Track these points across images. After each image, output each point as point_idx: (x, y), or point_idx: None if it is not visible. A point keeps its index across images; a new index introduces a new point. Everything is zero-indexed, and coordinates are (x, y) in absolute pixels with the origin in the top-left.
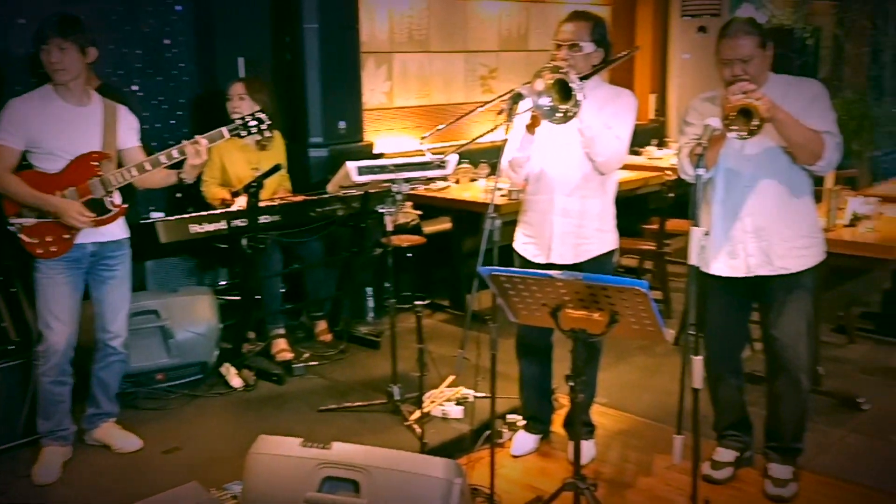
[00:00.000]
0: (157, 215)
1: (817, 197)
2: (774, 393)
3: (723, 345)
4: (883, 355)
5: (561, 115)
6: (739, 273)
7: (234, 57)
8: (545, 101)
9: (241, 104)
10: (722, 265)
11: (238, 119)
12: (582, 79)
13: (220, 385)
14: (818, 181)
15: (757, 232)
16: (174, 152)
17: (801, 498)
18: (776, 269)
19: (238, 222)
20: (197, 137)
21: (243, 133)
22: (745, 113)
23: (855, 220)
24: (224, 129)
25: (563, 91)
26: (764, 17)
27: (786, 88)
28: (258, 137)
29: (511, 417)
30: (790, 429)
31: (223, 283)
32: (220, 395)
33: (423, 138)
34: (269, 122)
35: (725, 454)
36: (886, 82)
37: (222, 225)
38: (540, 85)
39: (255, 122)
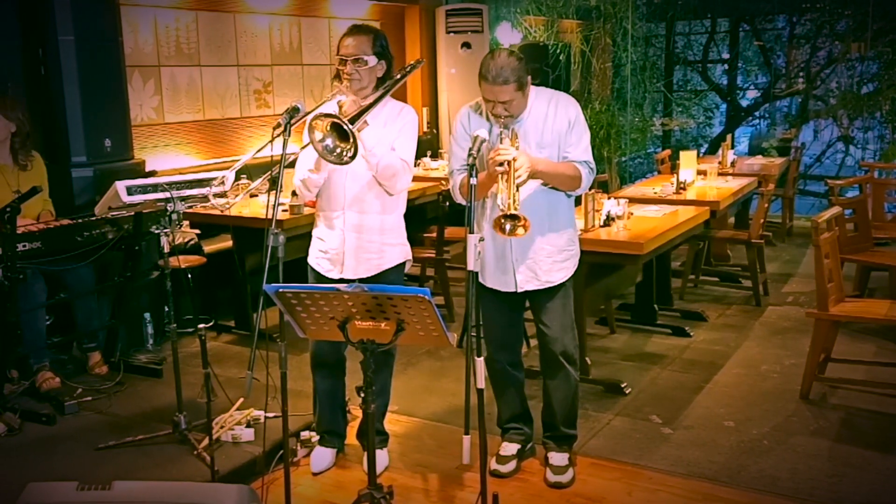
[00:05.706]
0: None
1: (577, 201)
2: (548, 385)
3: (501, 343)
4: (639, 342)
5: (349, 155)
6: (510, 289)
7: None
8: (329, 143)
9: None
10: (495, 281)
11: None
12: (351, 120)
13: None
14: None
15: (523, 250)
16: None
17: (577, 481)
18: (542, 284)
19: None
20: None
21: None
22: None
23: (609, 220)
24: None
25: (341, 132)
26: (519, 35)
27: (547, 109)
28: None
29: (305, 434)
30: (564, 417)
31: None
32: None
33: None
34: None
35: (509, 448)
36: (628, 94)
37: None
38: (318, 135)
39: None
